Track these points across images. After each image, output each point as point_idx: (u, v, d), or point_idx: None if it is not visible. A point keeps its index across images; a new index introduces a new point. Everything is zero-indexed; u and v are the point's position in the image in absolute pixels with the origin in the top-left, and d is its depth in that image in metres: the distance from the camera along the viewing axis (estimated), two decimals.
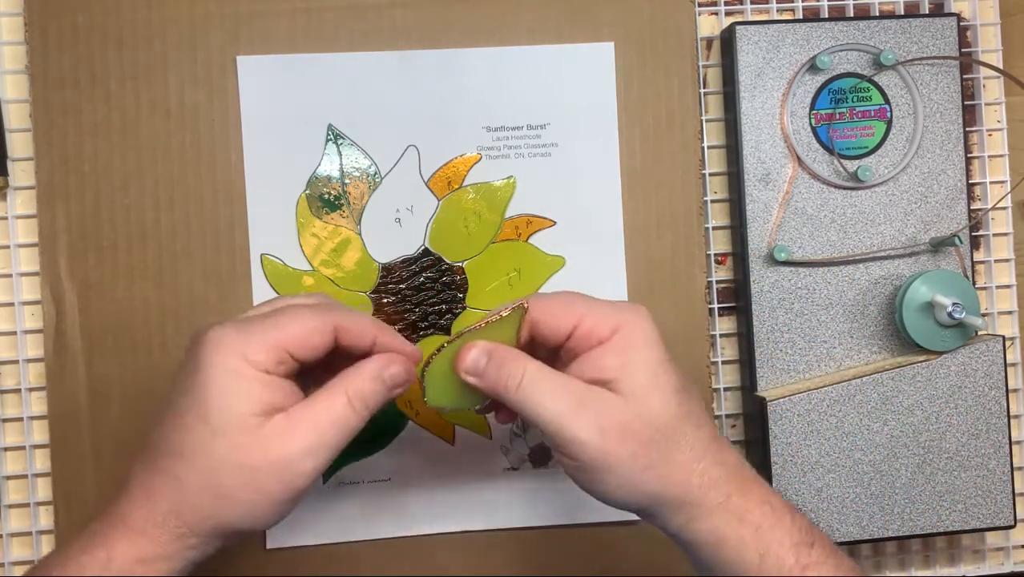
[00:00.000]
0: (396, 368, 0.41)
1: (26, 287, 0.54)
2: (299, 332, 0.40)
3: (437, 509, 0.55)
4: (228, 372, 0.39)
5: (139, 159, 0.53)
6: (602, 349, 0.41)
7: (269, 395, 0.39)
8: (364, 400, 0.40)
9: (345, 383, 0.40)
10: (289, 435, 0.39)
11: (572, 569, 0.55)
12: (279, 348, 0.39)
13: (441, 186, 0.55)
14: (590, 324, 0.41)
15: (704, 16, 0.57)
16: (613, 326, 0.41)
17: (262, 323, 0.40)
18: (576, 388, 0.40)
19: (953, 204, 0.56)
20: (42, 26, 0.53)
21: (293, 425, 0.39)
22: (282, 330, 0.40)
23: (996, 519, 0.55)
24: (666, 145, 0.56)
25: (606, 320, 0.41)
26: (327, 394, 0.40)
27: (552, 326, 0.42)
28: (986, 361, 0.55)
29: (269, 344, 0.39)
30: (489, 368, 0.41)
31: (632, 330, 0.41)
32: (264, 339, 0.39)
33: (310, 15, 0.54)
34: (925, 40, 0.56)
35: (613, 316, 0.41)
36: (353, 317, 0.42)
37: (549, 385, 0.40)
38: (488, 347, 0.41)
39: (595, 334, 0.41)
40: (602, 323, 0.41)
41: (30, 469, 0.53)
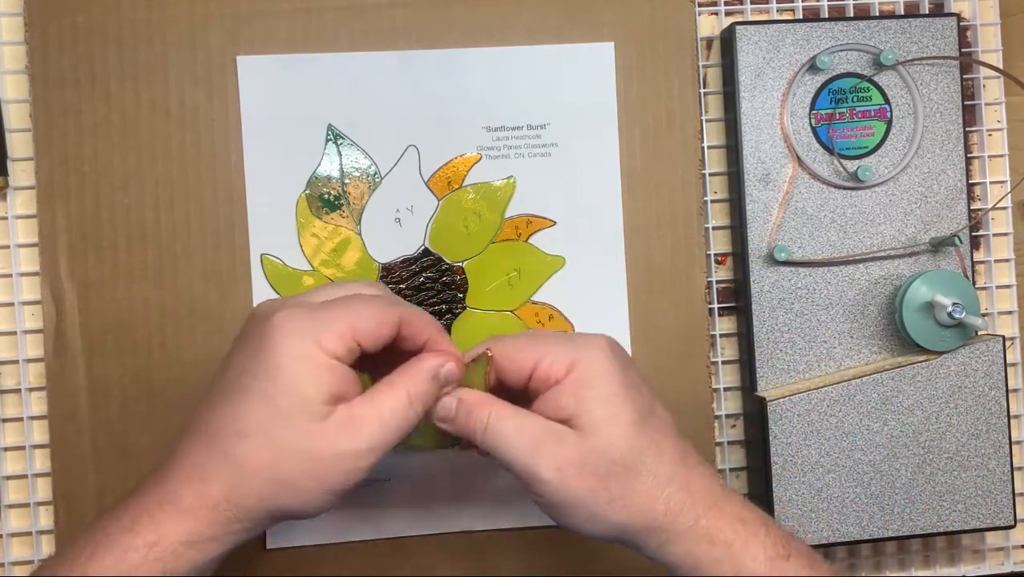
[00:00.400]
0: (452, 365, 0.42)
1: (26, 287, 0.54)
2: (370, 322, 0.40)
3: (437, 509, 0.55)
4: (300, 357, 0.39)
5: (139, 159, 0.53)
6: (558, 388, 0.42)
7: (336, 383, 0.39)
8: (423, 398, 0.41)
9: (407, 382, 0.41)
10: (355, 429, 0.39)
11: (572, 569, 0.55)
12: (350, 337, 0.40)
13: (441, 186, 0.55)
14: (547, 364, 0.42)
15: (704, 16, 0.57)
16: (568, 365, 0.42)
17: (333, 310, 0.40)
18: (536, 428, 0.41)
19: (953, 204, 0.56)
20: (42, 26, 0.53)
21: (358, 419, 0.39)
22: (354, 319, 0.40)
23: (996, 519, 0.55)
24: (666, 145, 0.56)
25: (561, 359, 0.42)
26: (390, 391, 0.41)
27: (513, 369, 0.43)
28: (986, 361, 0.55)
29: (341, 332, 0.39)
30: (459, 414, 0.42)
31: (585, 367, 0.42)
32: (336, 327, 0.39)
33: (310, 15, 0.54)
34: (925, 40, 0.56)
35: (567, 354, 0.42)
36: (415, 312, 0.43)
37: (511, 428, 0.41)
38: (458, 393, 0.43)
39: (552, 374, 0.42)
40: (557, 363, 0.42)
41: (30, 469, 0.53)
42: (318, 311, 0.40)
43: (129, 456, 0.53)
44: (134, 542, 0.38)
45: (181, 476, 0.39)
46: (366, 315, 0.40)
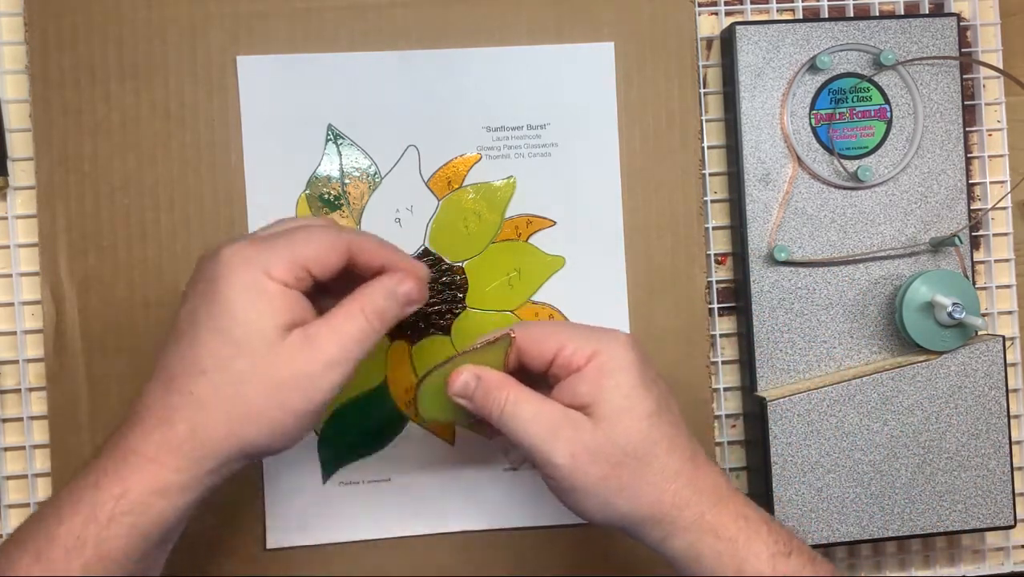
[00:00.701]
0: (409, 284, 0.42)
1: (26, 287, 0.54)
2: (316, 248, 0.40)
3: (437, 509, 0.55)
4: (249, 287, 0.39)
5: (139, 159, 0.53)
6: (578, 376, 0.43)
7: (289, 309, 0.39)
8: (380, 315, 0.41)
9: (361, 299, 0.41)
10: (311, 348, 0.39)
11: (572, 569, 0.55)
12: (297, 264, 0.40)
13: (441, 186, 0.55)
14: (569, 352, 0.43)
15: (704, 16, 0.57)
16: (590, 354, 0.43)
17: (278, 239, 0.40)
18: (553, 413, 0.42)
19: (953, 204, 0.56)
20: (42, 26, 0.53)
21: (314, 339, 0.39)
22: (300, 246, 0.40)
23: (996, 519, 0.55)
24: (666, 145, 0.56)
25: (584, 348, 0.43)
26: (343, 310, 0.41)
27: (534, 354, 0.44)
28: (986, 361, 0.55)
29: (288, 259, 0.40)
30: (477, 392, 0.44)
31: (606, 357, 0.43)
32: (283, 254, 0.40)
33: (310, 15, 0.54)
34: (925, 40, 0.56)
35: (590, 344, 0.43)
36: (365, 236, 0.43)
37: (529, 410, 0.42)
38: (477, 371, 0.44)
39: (574, 361, 0.43)
40: (580, 351, 0.43)
41: (30, 469, 0.53)
42: (264, 242, 0.40)
43: None
44: (100, 497, 0.38)
45: (145, 425, 0.39)
46: (313, 241, 0.40)
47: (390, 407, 0.55)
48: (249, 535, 0.54)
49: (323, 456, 0.54)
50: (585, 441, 0.42)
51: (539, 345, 0.44)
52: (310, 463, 0.54)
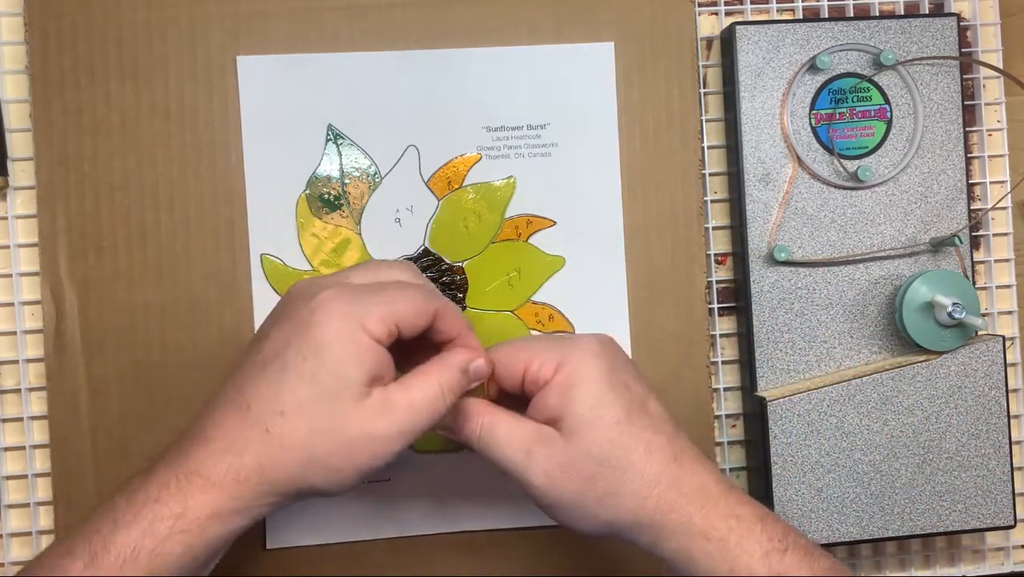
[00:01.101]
0: (481, 362, 0.43)
1: (26, 287, 0.54)
2: (410, 309, 0.41)
3: (437, 509, 0.55)
4: (345, 337, 0.39)
5: (139, 159, 0.53)
6: (547, 389, 0.43)
7: (376, 366, 0.40)
8: (453, 389, 0.42)
9: (439, 372, 0.42)
10: (388, 413, 0.40)
11: (572, 569, 0.55)
12: (392, 321, 0.40)
13: (441, 186, 0.55)
14: (536, 367, 0.43)
15: (704, 16, 0.57)
16: (555, 366, 0.43)
17: (377, 294, 0.41)
18: (526, 434, 0.42)
19: (953, 204, 0.56)
20: (42, 26, 0.53)
21: (392, 403, 0.40)
22: (396, 304, 0.41)
23: (996, 519, 0.55)
24: (666, 145, 0.56)
25: (549, 361, 0.43)
26: (424, 380, 0.41)
27: (506, 374, 0.44)
28: (986, 361, 0.55)
29: (384, 316, 0.40)
30: (456, 422, 0.44)
31: (572, 367, 0.43)
32: (380, 310, 0.40)
33: (310, 15, 0.54)
34: (925, 40, 0.56)
35: (555, 356, 0.43)
36: (451, 306, 0.44)
37: (502, 434, 0.43)
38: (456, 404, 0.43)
39: (541, 376, 0.43)
40: (546, 364, 0.43)
41: (30, 469, 0.53)
42: (362, 293, 0.41)
43: (129, 456, 0.53)
44: (160, 512, 0.38)
45: (213, 448, 0.39)
46: (407, 302, 0.41)
47: None
48: (249, 535, 0.54)
49: None
50: (557, 457, 0.42)
51: (508, 365, 0.44)
52: None
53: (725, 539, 0.41)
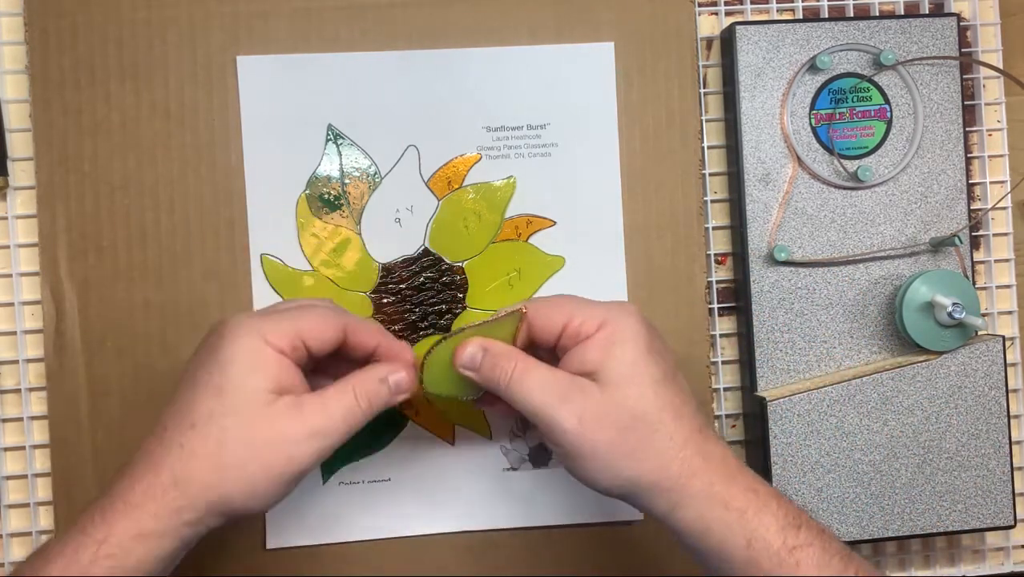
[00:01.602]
0: (402, 375, 0.45)
1: (26, 287, 0.54)
2: (314, 324, 0.43)
3: (437, 509, 0.55)
4: (247, 349, 0.41)
5: (139, 159, 0.53)
6: (587, 344, 0.43)
7: (282, 376, 0.42)
8: (369, 399, 0.43)
9: (353, 381, 0.43)
10: (299, 415, 0.41)
11: (572, 569, 0.55)
12: (294, 335, 0.42)
13: (441, 186, 0.55)
14: (578, 322, 0.44)
15: (704, 16, 0.57)
16: (599, 323, 0.43)
17: (281, 312, 0.44)
18: (561, 381, 0.43)
19: (953, 204, 0.56)
20: (42, 26, 0.53)
21: (302, 407, 0.42)
22: (298, 320, 0.43)
23: (996, 519, 0.55)
24: (666, 145, 0.56)
25: (593, 318, 0.44)
26: (336, 387, 0.43)
27: (544, 326, 0.45)
28: (986, 361, 0.55)
29: (286, 330, 0.42)
30: (484, 363, 0.44)
31: (616, 326, 0.43)
32: (282, 325, 0.42)
33: (310, 15, 0.54)
34: (925, 40, 0.56)
35: (600, 314, 0.44)
36: (362, 321, 0.45)
37: (536, 378, 0.43)
38: (484, 343, 0.45)
39: (583, 331, 0.44)
40: (589, 321, 0.44)
41: (30, 469, 0.53)
42: (268, 313, 0.44)
43: (129, 456, 0.52)
44: (84, 541, 0.39)
45: (135, 473, 0.41)
46: (312, 317, 0.44)
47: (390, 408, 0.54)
48: (249, 535, 0.54)
49: None
50: (592, 406, 0.42)
51: (549, 318, 0.44)
52: None
53: (744, 510, 0.42)
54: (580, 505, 0.55)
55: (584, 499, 0.55)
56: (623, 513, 0.55)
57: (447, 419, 0.55)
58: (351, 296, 0.54)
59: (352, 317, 0.45)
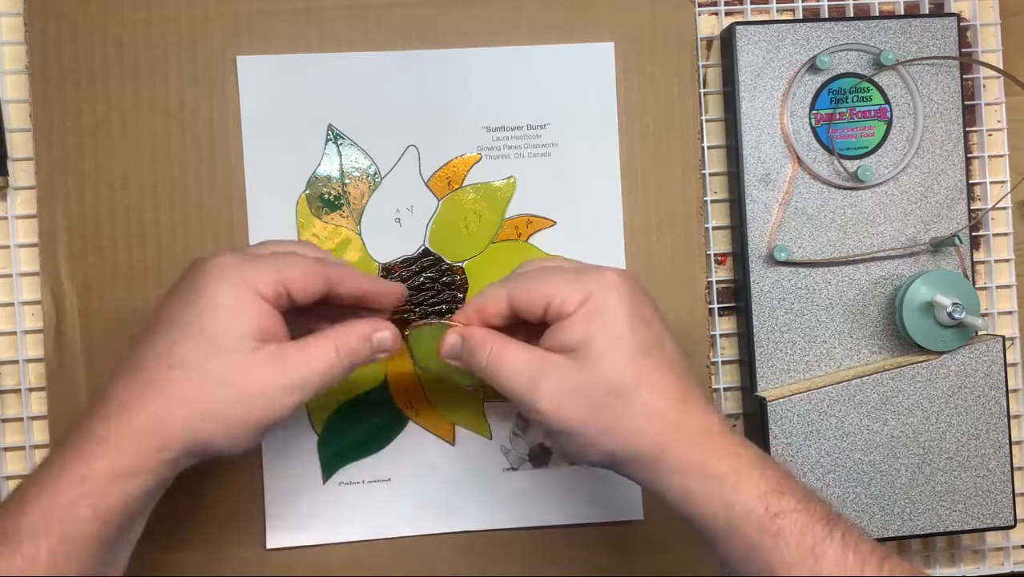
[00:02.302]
0: (385, 334, 0.45)
1: (26, 287, 0.54)
2: (299, 272, 0.43)
3: (437, 509, 0.55)
4: (232, 295, 0.41)
5: (139, 159, 0.53)
6: (568, 321, 0.43)
7: (266, 323, 0.42)
8: (350, 354, 0.43)
9: (336, 336, 0.43)
10: (280, 366, 0.41)
11: (572, 569, 0.55)
12: (279, 282, 0.42)
13: (441, 186, 0.55)
14: (559, 301, 0.44)
15: (704, 16, 0.57)
16: (580, 299, 0.43)
17: (266, 259, 0.43)
18: (534, 360, 0.43)
19: (953, 204, 0.56)
20: (42, 26, 0.53)
21: (285, 358, 0.42)
22: (283, 270, 0.43)
23: (996, 519, 0.55)
24: (666, 145, 0.56)
25: (573, 294, 0.43)
26: (318, 341, 0.43)
27: (526, 309, 0.45)
28: (986, 361, 0.55)
29: (272, 277, 0.42)
30: (464, 351, 0.45)
31: (596, 301, 0.43)
32: (268, 272, 0.42)
33: (310, 15, 0.54)
34: (925, 40, 0.56)
35: (579, 290, 0.43)
36: (346, 267, 0.46)
37: (511, 360, 0.43)
38: (463, 332, 0.45)
39: (564, 310, 0.43)
40: (569, 298, 0.43)
41: (30, 469, 0.53)
42: (251, 258, 0.43)
43: None
44: (63, 481, 0.39)
45: (107, 411, 0.40)
46: (295, 265, 0.43)
47: (390, 407, 0.55)
48: (249, 535, 0.54)
49: (323, 456, 0.54)
50: (566, 383, 0.42)
51: (530, 301, 0.44)
52: (310, 463, 0.54)
53: (724, 476, 0.41)
54: (580, 505, 0.55)
55: (584, 499, 0.55)
56: (623, 513, 0.55)
57: (447, 419, 0.55)
58: None
59: (337, 265, 0.45)
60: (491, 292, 0.46)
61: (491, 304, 0.45)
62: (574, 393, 0.42)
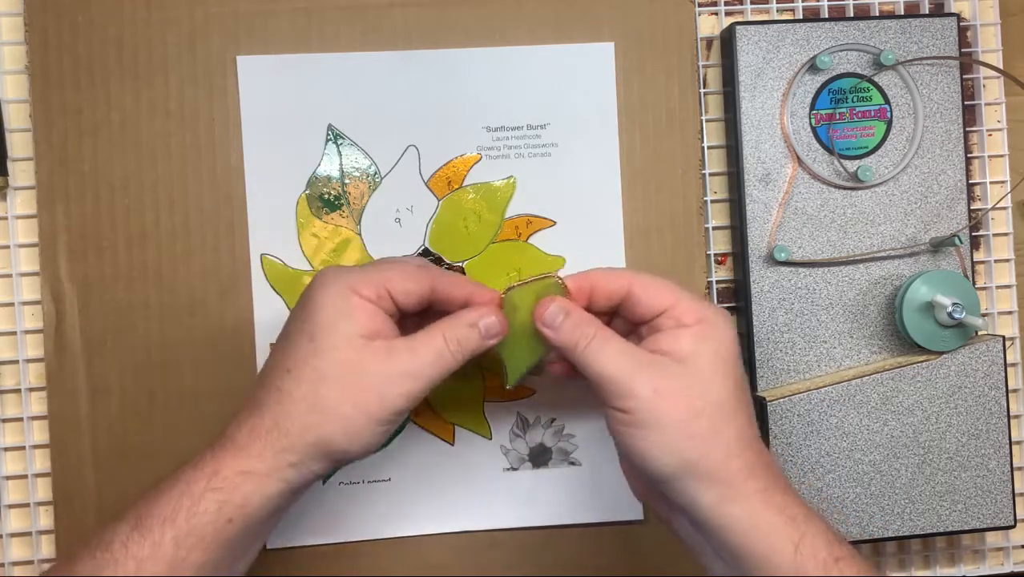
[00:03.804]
0: (492, 319, 0.45)
1: (26, 287, 0.54)
2: (400, 275, 0.45)
3: (437, 509, 0.55)
4: (336, 297, 0.43)
5: (139, 159, 0.53)
6: (682, 331, 0.44)
7: (371, 322, 0.43)
8: (459, 342, 0.44)
9: (443, 325, 0.44)
10: (389, 356, 0.43)
11: (572, 569, 0.55)
12: (380, 285, 0.44)
13: (441, 186, 0.55)
14: (679, 311, 0.44)
15: (704, 16, 0.57)
16: (699, 317, 0.44)
17: (368, 266, 0.45)
18: (640, 354, 0.44)
19: (953, 204, 0.56)
20: (42, 26, 0.53)
21: (393, 349, 0.43)
22: (385, 272, 0.44)
23: (996, 519, 0.55)
24: (666, 145, 0.56)
25: (693, 310, 0.44)
26: (426, 332, 0.44)
27: (646, 304, 0.45)
28: (986, 361, 0.55)
29: (372, 280, 0.44)
30: (565, 324, 0.45)
31: (714, 325, 0.44)
32: (368, 276, 0.44)
33: (310, 15, 0.54)
34: (925, 40, 0.56)
35: (699, 308, 0.45)
36: (448, 275, 0.47)
37: (614, 347, 0.44)
38: (566, 305, 0.45)
39: (683, 319, 0.44)
40: (689, 312, 0.44)
41: (30, 469, 0.53)
42: (356, 268, 0.45)
43: (129, 456, 0.53)
44: (196, 475, 0.41)
45: (240, 416, 0.43)
46: (398, 270, 0.45)
47: None
48: None
49: None
50: (671, 380, 0.42)
51: (651, 296, 0.45)
52: None
53: (794, 517, 0.42)
54: (580, 505, 0.55)
55: (584, 499, 0.55)
56: (623, 513, 0.55)
57: (447, 419, 0.55)
58: None
59: (439, 271, 0.46)
60: (613, 274, 0.46)
61: (611, 283, 0.46)
62: (677, 391, 0.42)
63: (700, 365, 0.43)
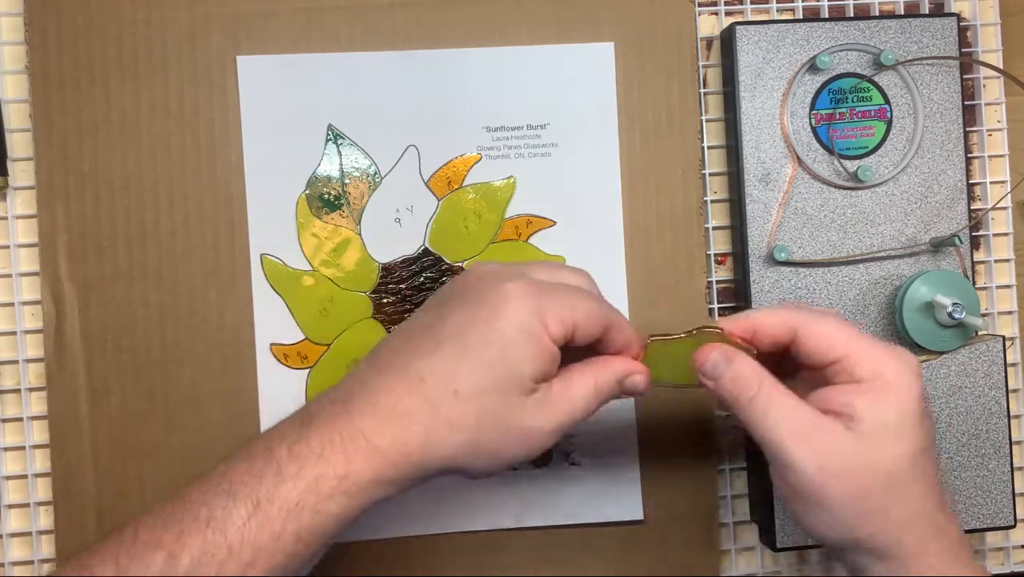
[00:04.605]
0: (639, 378, 0.43)
1: (26, 287, 0.54)
2: (589, 316, 0.41)
3: (438, 509, 0.55)
4: (527, 334, 0.40)
5: (139, 159, 0.53)
6: (856, 388, 0.41)
7: (548, 365, 0.41)
8: (603, 395, 0.42)
9: (597, 373, 0.42)
10: (550, 409, 0.41)
11: (572, 569, 0.55)
12: (570, 324, 0.41)
13: (441, 186, 0.55)
14: (851, 363, 0.41)
15: (704, 16, 0.57)
16: (875, 370, 0.41)
17: (560, 294, 0.41)
18: (807, 416, 0.40)
19: (953, 204, 0.56)
20: (42, 26, 0.53)
21: (553, 400, 0.41)
22: (576, 309, 0.41)
23: (996, 519, 0.55)
24: (666, 145, 0.56)
25: (869, 361, 0.41)
26: (581, 378, 0.42)
27: (817, 354, 0.42)
28: (986, 361, 0.55)
29: (564, 318, 0.40)
30: (726, 375, 0.42)
31: (893, 380, 0.41)
32: (561, 312, 0.40)
33: (310, 15, 0.54)
34: (925, 40, 0.56)
35: (878, 360, 0.41)
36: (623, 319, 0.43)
37: (780, 406, 0.41)
38: (729, 353, 0.42)
39: (856, 372, 0.41)
40: (864, 363, 0.41)
41: (30, 469, 0.53)
42: (547, 291, 0.41)
43: (129, 456, 0.53)
44: (325, 471, 0.38)
45: (380, 413, 0.39)
46: (587, 308, 0.41)
47: None
48: None
49: None
50: (839, 453, 0.40)
51: (819, 347, 0.42)
52: None
53: None
54: (580, 505, 0.55)
55: (584, 499, 0.55)
56: (623, 513, 0.55)
57: None
58: (351, 296, 0.54)
59: (616, 314, 0.43)
60: (779, 316, 0.43)
61: (776, 327, 0.43)
62: (846, 467, 0.39)
63: (874, 431, 0.39)
